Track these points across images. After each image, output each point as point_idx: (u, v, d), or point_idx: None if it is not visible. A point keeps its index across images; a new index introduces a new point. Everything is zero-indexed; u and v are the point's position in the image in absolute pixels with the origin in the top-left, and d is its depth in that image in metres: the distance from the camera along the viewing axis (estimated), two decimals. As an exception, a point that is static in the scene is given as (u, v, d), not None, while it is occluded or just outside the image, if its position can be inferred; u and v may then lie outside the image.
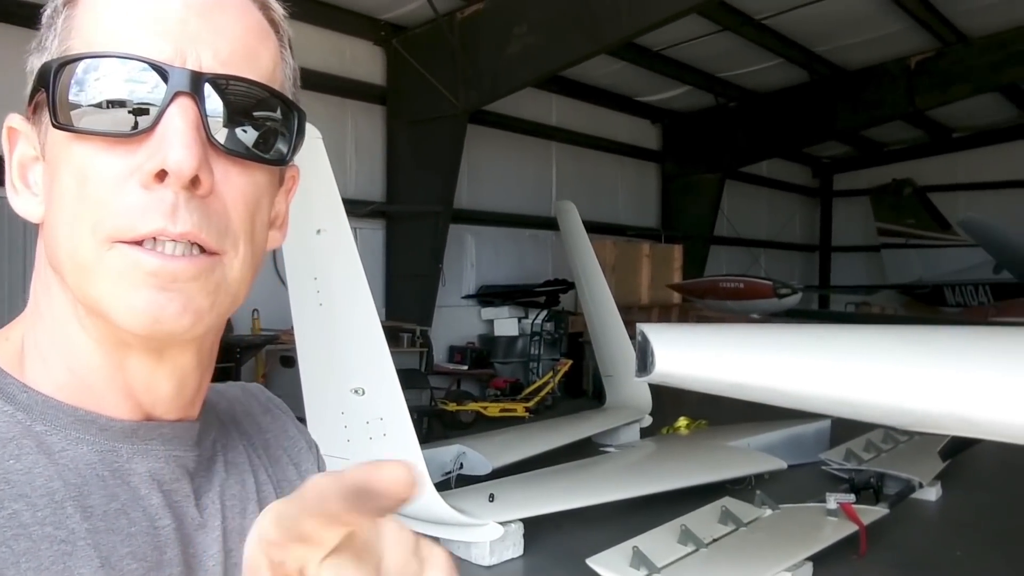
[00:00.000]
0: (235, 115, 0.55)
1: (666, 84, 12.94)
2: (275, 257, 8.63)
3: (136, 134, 0.52)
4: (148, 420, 0.59)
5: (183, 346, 0.58)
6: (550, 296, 10.95)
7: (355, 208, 9.25)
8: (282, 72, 0.61)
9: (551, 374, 10.11)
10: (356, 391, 4.94)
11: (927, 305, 15.80)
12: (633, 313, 11.06)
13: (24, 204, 0.59)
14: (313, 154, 5.07)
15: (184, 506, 0.60)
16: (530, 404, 9.38)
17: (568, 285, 10.34)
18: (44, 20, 0.58)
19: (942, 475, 6.58)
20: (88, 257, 0.53)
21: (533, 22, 8.70)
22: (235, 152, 0.55)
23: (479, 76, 9.13)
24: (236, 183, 0.56)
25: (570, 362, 10.56)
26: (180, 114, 0.52)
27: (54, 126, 0.54)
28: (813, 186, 20.55)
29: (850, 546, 5.04)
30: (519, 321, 10.97)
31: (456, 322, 10.76)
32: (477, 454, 6.22)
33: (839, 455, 7.03)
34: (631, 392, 8.33)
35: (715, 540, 4.87)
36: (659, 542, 4.64)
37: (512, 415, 9.00)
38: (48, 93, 0.54)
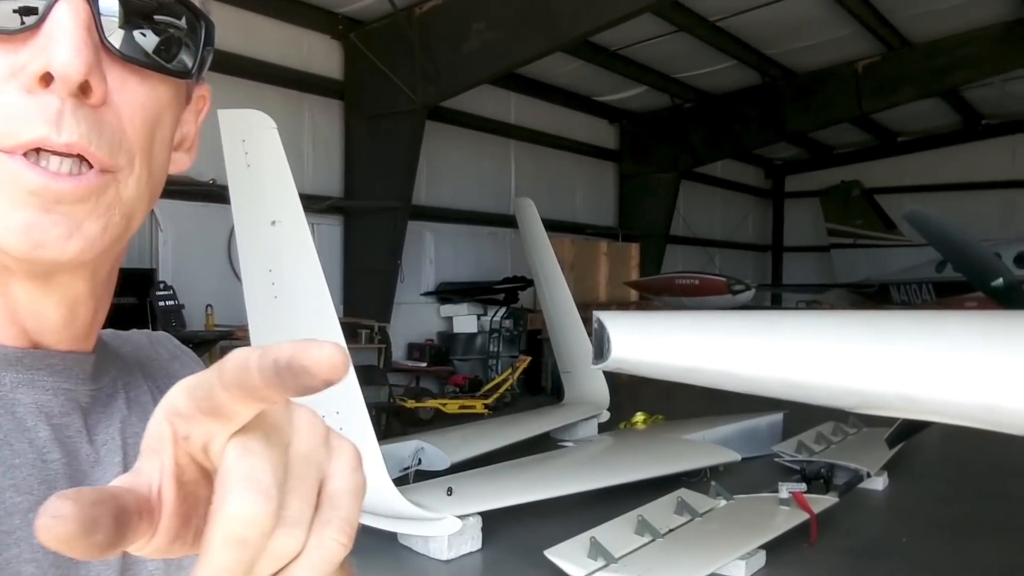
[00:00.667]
0: (132, 16, 0.51)
1: (623, 84, 13.08)
2: (230, 251, 8.48)
3: (19, 31, 0.47)
4: (36, 349, 0.55)
5: (73, 272, 0.54)
6: (509, 293, 10.97)
7: (312, 203, 9.11)
8: None
9: (510, 371, 10.12)
10: (312, 386, 4.86)
11: (874, 303, 16.30)
12: (591, 310, 11.11)
13: None
14: (268, 144, 4.98)
15: (76, 441, 0.56)
16: (489, 401, 9.37)
17: (527, 283, 10.37)
18: None
19: (888, 465, 6.79)
20: None
21: (491, 18, 8.71)
22: (132, 59, 0.51)
23: (437, 72, 9.10)
24: (133, 94, 0.52)
25: (529, 359, 10.60)
26: (69, 12, 0.47)
27: None
28: (766, 187, 21.03)
29: (801, 534, 5.17)
30: (478, 318, 10.96)
31: (415, 319, 10.70)
32: (435, 449, 6.19)
33: (791, 447, 7.19)
34: (589, 388, 8.39)
35: (671, 530, 4.94)
36: (617, 533, 4.69)
37: (471, 412, 8.98)
38: None
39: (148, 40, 0.52)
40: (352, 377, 4.81)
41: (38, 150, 0.48)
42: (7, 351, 0.54)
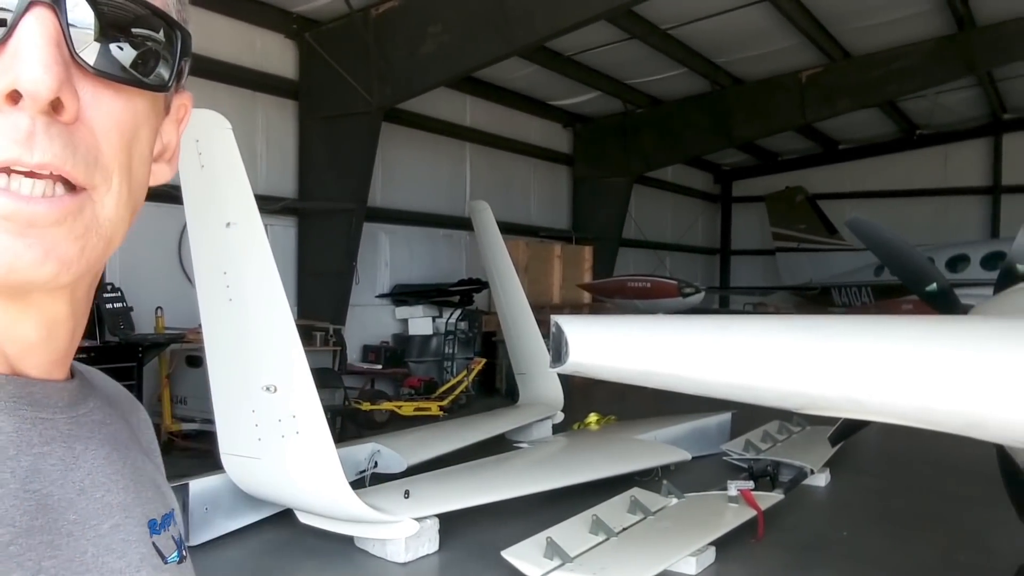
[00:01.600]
0: (108, 29, 0.49)
1: (577, 89, 13.25)
2: (180, 253, 8.29)
3: None
4: (15, 375, 0.54)
5: (52, 294, 0.52)
6: (464, 295, 10.99)
7: (266, 204, 8.96)
8: None
9: (465, 373, 10.15)
10: (268, 388, 4.81)
11: (817, 305, 16.90)
12: (545, 312, 11.23)
13: None
14: (223, 145, 4.91)
15: (59, 470, 0.55)
16: (444, 403, 9.39)
17: (482, 285, 10.42)
18: None
19: (830, 462, 7.06)
20: None
21: (447, 21, 8.73)
22: (107, 74, 0.49)
23: (393, 74, 9.08)
24: (108, 109, 0.50)
25: (484, 361, 10.64)
26: (37, 26, 0.45)
27: None
28: (714, 192, 21.54)
29: (749, 530, 5.34)
30: (433, 320, 10.96)
31: (370, 321, 10.64)
32: (391, 452, 6.19)
33: (739, 446, 7.42)
34: (543, 389, 8.49)
35: (625, 529, 5.05)
36: (572, 533, 4.77)
37: (426, 414, 8.98)
38: None
39: (125, 54, 0.50)
40: (309, 380, 4.79)
41: (9, 171, 0.46)
42: None
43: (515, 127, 13.57)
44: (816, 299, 16.95)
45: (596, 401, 9.41)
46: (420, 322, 10.89)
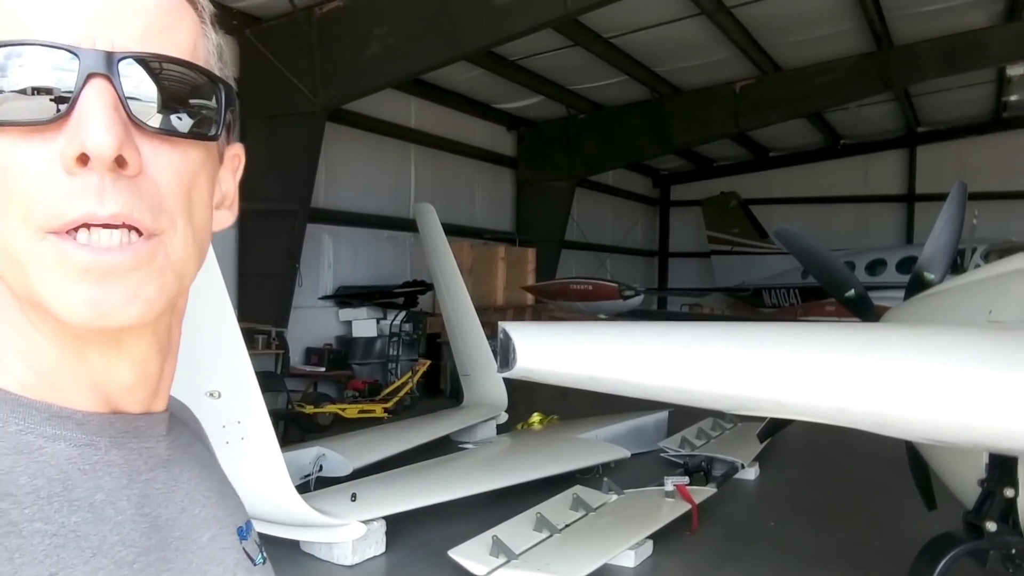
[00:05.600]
0: (170, 102, 0.55)
1: (521, 93, 13.42)
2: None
3: (52, 120, 0.51)
4: (116, 413, 0.61)
5: (139, 333, 0.58)
6: (408, 297, 11.01)
7: (204, 204, 8.81)
8: (204, 48, 0.61)
9: (410, 374, 10.19)
10: (211, 394, 4.77)
11: (749, 306, 17.57)
12: (489, 314, 11.38)
13: None
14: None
15: (163, 493, 0.62)
16: (389, 405, 9.41)
17: (427, 286, 10.47)
18: None
19: (760, 457, 7.43)
20: (22, 251, 0.52)
21: (393, 24, 8.76)
22: (163, 131, 0.55)
23: (338, 74, 9.04)
24: (167, 161, 0.55)
25: (428, 362, 10.70)
26: (95, 95, 0.51)
27: None
28: (653, 196, 22.08)
29: (685, 523, 5.61)
30: (377, 322, 10.93)
31: (313, 323, 10.55)
32: (337, 455, 6.20)
33: (675, 443, 7.72)
34: (488, 390, 8.61)
35: (567, 525, 5.23)
36: (517, 531, 4.92)
37: (371, 416, 8.99)
38: None
39: (183, 123, 0.56)
40: (254, 385, 4.77)
41: (88, 226, 0.51)
42: (99, 418, 0.59)
43: (460, 129, 13.65)
44: (748, 300, 17.61)
45: (540, 401, 9.59)
46: (364, 324, 10.85)
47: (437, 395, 11.10)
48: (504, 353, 2.80)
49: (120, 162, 0.51)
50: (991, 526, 2.96)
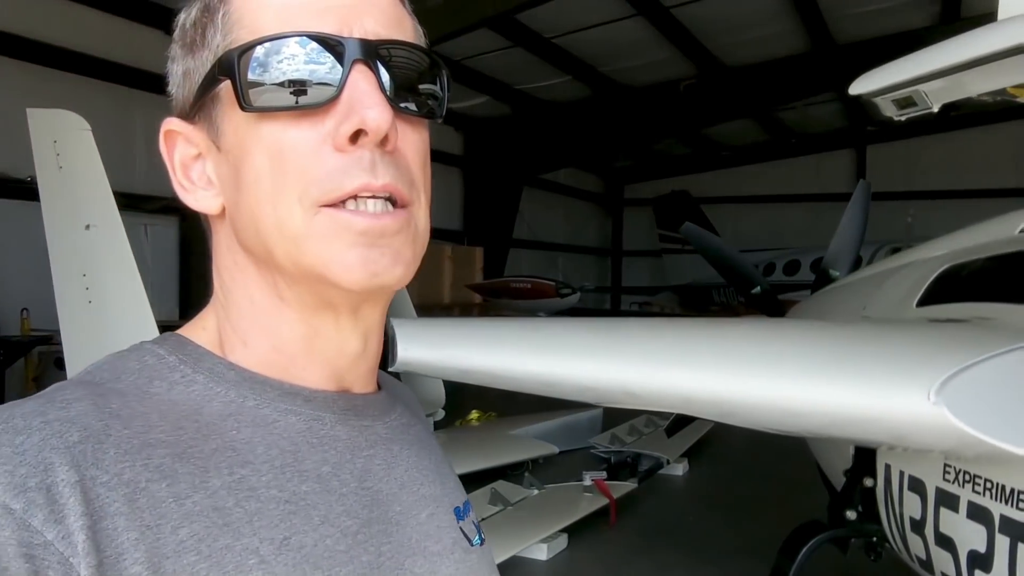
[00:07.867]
0: (401, 89, 0.59)
1: (467, 93, 13.47)
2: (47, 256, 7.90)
3: (325, 103, 0.55)
4: (340, 391, 0.64)
5: (375, 302, 0.63)
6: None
7: (144, 204, 8.71)
8: (420, 35, 0.66)
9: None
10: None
11: (699, 304, 17.82)
12: (435, 312, 11.41)
13: (198, 199, 0.63)
14: (81, 146, 4.79)
15: (383, 469, 0.64)
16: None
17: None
18: (190, 22, 0.62)
19: (692, 454, 7.57)
20: (298, 225, 0.56)
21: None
22: (411, 111, 0.59)
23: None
24: (411, 139, 0.60)
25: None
26: (363, 78, 0.56)
27: (245, 110, 0.56)
28: (606, 195, 22.28)
29: (603, 517, 5.72)
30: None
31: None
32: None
33: (606, 439, 7.83)
34: (425, 388, 8.62)
35: (483, 520, 5.26)
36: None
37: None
38: (235, 80, 0.56)
39: (420, 104, 0.61)
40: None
41: (356, 197, 0.56)
42: (326, 395, 0.63)
43: (407, 129, 13.62)
44: (698, 298, 17.88)
45: (486, 400, 9.61)
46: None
47: (378, 393, 11.04)
48: (392, 348, 2.85)
49: (384, 139, 0.56)
50: (851, 514, 3.09)
